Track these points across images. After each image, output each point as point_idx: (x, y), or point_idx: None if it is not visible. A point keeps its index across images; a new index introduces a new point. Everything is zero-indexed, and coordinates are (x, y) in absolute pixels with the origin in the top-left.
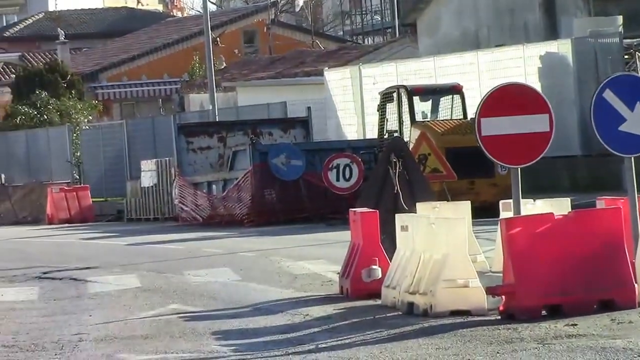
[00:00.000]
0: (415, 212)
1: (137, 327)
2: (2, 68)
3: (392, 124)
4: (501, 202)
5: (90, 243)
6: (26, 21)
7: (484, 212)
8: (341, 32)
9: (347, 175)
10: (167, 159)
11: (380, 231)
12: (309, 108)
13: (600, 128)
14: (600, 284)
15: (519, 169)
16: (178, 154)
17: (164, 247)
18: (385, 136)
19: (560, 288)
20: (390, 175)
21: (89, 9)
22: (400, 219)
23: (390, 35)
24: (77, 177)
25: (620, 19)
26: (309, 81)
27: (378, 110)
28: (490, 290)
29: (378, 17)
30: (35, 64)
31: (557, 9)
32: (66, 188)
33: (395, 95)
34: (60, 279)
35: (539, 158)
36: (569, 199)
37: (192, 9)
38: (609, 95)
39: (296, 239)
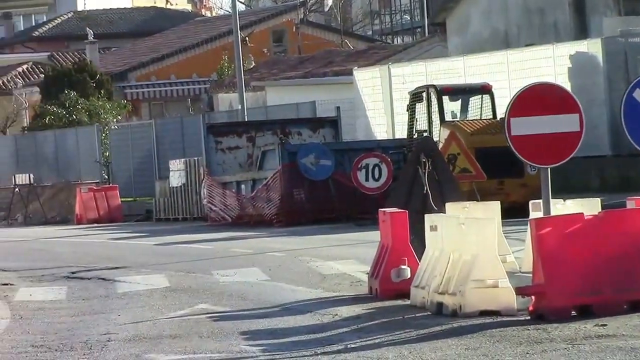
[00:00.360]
0: (445, 212)
1: (166, 327)
2: (31, 68)
3: (421, 123)
4: (531, 202)
5: (119, 243)
6: (55, 21)
7: (513, 212)
8: (370, 32)
9: (377, 175)
10: (195, 158)
11: (410, 231)
12: (338, 108)
13: (631, 128)
14: (631, 284)
15: (549, 169)
16: (207, 154)
17: (193, 247)
18: (415, 136)
19: (590, 288)
20: (419, 175)
21: (118, 8)
22: (429, 219)
23: (420, 35)
24: (106, 177)
25: None
26: (338, 81)
27: (407, 110)
28: (520, 291)
29: (407, 17)
30: (64, 64)
31: (587, 8)
32: (95, 188)
33: (424, 94)
34: (89, 279)
35: (569, 158)
36: (599, 199)
37: (221, 8)
38: (639, 94)
39: (325, 239)
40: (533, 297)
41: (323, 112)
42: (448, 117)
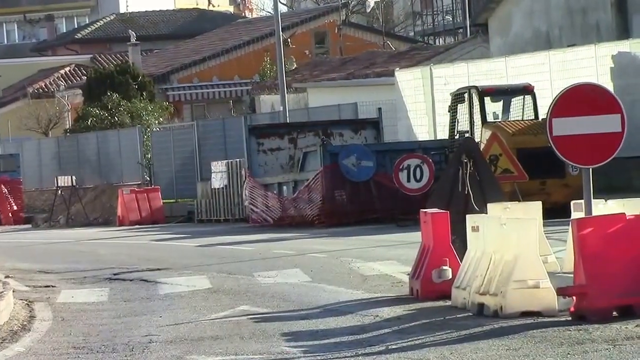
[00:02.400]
0: (486, 213)
1: (207, 329)
2: (74, 70)
3: (463, 124)
4: (572, 202)
5: (161, 244)
6: (97, 23)
7: (555, 212)
8: (412, 33)
9: (418, 176)
10: (237, 160)
11: (451, 232)
12: (379, 109)
13: None
14: None
15: (591, 169)
16: (248, 155)
17: (234, 249)
18: (456, 137)
19: (632, 289)
20: (461, 176)
21: (160, 10)
22: (471, 219)
23: (462, 36)
24: (148, 178)
25: None
26: (380, 82)
27: (449, 111)
28: (561, 291)
29: (449, 17)
30: (107, 66)
31: (629, 8)
32: (137, 189)
33: (466, 95)
34: (131, 280)
35: (610, 158)
36: None
37: (263, 9)
38: None
39: (366, 239)
40: (574, 297)
41: (365, 113)
42: (490, 118)
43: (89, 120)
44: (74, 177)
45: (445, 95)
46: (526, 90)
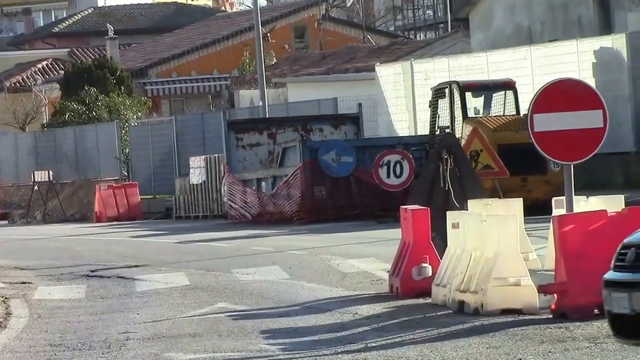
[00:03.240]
0: (467, 209)
1: (185, 326)
2: (51, 64)
3: (443, 120)
4: (554, 199)
5: (138, 241)
6: (75, 17)
7: (536, 209)
8: (393, 28)
9: (398, 172)
10: (216, 155)
11: (431, 228)
12: (359, 104)
13: None
14: None
15: (572, 165)
16: (227, 151)
17: (213, 245)
18: (437, 132)
19: None
20: (441, 172)
21: (138, 4)
22: (451, 216)
23: (443, 31)
24: (126, 174)
25: None
26: (360, 77)
27: (430, 106)
28: (542, 289)
29: (430, 12)
30: (84, 60)
31: (611, 3)
32: (114, 185)
33: (447, 91)
34: (108, 277)
35: (592, 154)
36: (622, 196)
37: (242, 4)
38: None
39: (346, 236)
40: (555, 295)
41: (345, 108)
42: (471, 114)
43: (67, 115)
44: (51, 173)
45: (425, 90)
46: (507, 85)
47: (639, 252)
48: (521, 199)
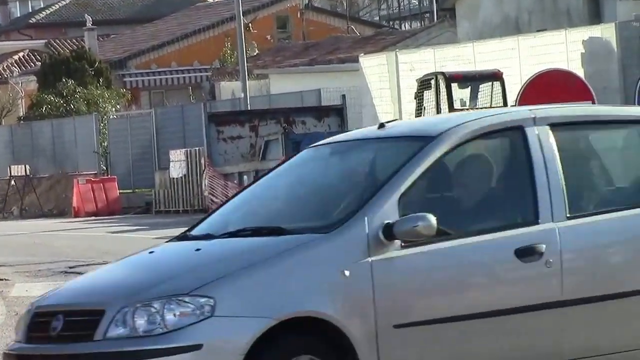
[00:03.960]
0: None
1: None
2: (28, 55)
3: (429, 112)
4: None
5: (118, 236)
6: (52, 7)
7: None
8: (377, 17)
9: None
10: (197, 148)
11: None
12: (343, 96)
13: None
14: None
15: None
16: (208, 144)
17: None
18: None
19: None
20: None
21: None
22: None
23: (429, 20)
24: (104, 167)
25: None
26: (344, 68)
27: (415, 98)
28: None
29: (416, 2)
30: (62, 51)
31: None
32: (93, 179)
33: (433, 82)
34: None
35: None
36: None
37: None
38: None
39: None
40: None
41: (328, 100)
42: (457, 105)
43: (44, 108)
44: (27, 167)
45: (411, 81)
46: (495, 76)
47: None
48: None
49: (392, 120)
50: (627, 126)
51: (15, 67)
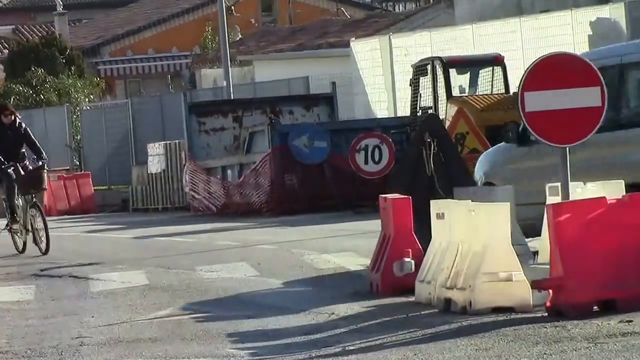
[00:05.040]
0: (453, 198)
1: (145, 329)
2: None
3: (426, 99)
4: (547, 185)
5: (92, 236)
6: None
7: None
8: None
9: (377, 158)
10: (176, 141)
11: (414, 220)
12: (334, 83)
13: None
14: None
15: (567, 148)
16: (189, 136)
17: (174, 241)
18: (419, 113)
19: (615, 281)
20: (424, 157)
21: None
22: (435, 205)
23: (424, 2)
24: (77, 163)
25: None
26: (334, 53)
27: (410, 85)
28: (536, 284)
29: None
30: (31, 38)
31: None
32: (65, 175)
33: (429, 67)
34: (60, 277)
35: (589, 136)
36: (622, 181)
37: None
38: None
39: (320, 229)
40: (551, 291)
41: (317, 88)
42: (455, 92)
43: (12, 99)
44: None
45: (406, 67)
46: (495, 61)
47: None
48: (512, 185)
49: None
50: None
51: None
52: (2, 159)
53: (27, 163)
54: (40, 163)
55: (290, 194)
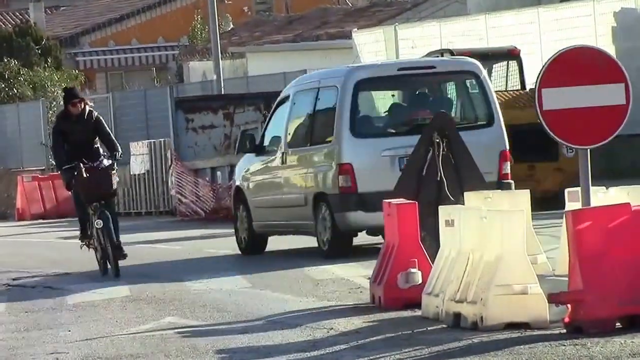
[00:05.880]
0: (463, 204)
1: (126, 345)
2: None
3: None
4: (567, 190)
5: (70, 243)
6: None
7: (546, 202)
8: None
9: None
10: (162, 140)
11: (420, 227)
12: None
13: None
14: None
15: (589, 150)
16: (175, 134)
17: (159, 248)
18: None
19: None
20: (432, 159)
21: None
22: (444, 211)
23: None
24: (54, 162)
25: None
26: (334, 45)
27: None
28: (554, 298)
29: None
30: (3, 27)
31: None
32: (40, 176)
33: None
34: (34, 287)
35: (612, 137)
36: None
37: None
38: None
39: None
40: (569, 306)
41: None
42: None
43: None
44: None
45: None
46: (511, 54)
47: None
48: (528, 190)
49: None
50: None
51: None
52: (63, 158)
53: (104, 161)
54: (109, 162)
55: None
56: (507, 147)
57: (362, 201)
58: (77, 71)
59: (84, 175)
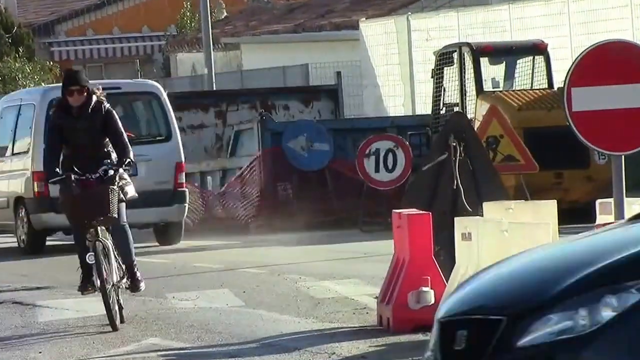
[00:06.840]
0: (482, 215)
1: None
2: None
3: (451, 94)
4: (598, 201)
5: (41, 255)
6: None
7: (575, 214)
8: None
9: (390, 165)
10: None
11: (434, 240)
12: (338, 73)
13: None
14: None
15: (623, 157)
16: None
17: (141, 261)
18: (442, 112)
19: None
20: (447, 165)
21: None
22: (461, 223)
23: None
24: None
25: None
26: (340, 36)
27: (432, 77)
28: None
29: None
30: None
31: None
32: None
33: (455, 56)
34: (1, 303)
35: None
36: None
37: None
38: None
39: (319, 250)
40: None
41: (318, 78)
42: (487, 87)
43: None
44: None
45: (427, 54)
46: (537, 49)
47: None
48: (555, 201)
49: None
50: None
51: None
52: (52, 165)
53: (109, 171)
54: (111, 172)
55: (284, 206)
56: (183, 160)
57: (53, 204)
58: (51, 63)
59: (73, 192)
